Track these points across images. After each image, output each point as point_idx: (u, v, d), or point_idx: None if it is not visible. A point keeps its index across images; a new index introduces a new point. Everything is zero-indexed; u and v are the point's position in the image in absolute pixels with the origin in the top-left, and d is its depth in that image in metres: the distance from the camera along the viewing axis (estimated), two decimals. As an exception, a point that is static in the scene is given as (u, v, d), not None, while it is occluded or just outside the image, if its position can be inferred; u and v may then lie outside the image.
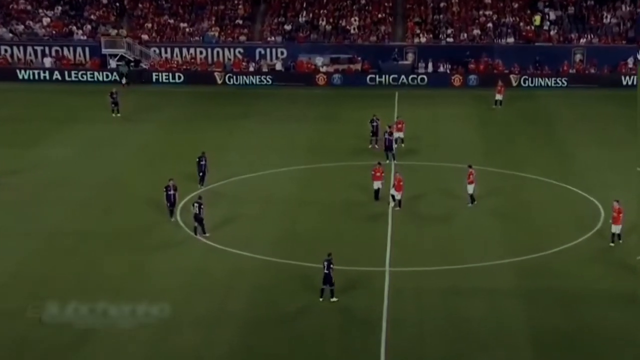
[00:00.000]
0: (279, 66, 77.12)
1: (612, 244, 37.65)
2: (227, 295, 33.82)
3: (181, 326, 31.26)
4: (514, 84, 73.41)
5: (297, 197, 45.02)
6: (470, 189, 43.17)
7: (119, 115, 62.36)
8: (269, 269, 36.18)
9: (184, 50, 78.45)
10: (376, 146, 53.24)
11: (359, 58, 77.01)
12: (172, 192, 40.72)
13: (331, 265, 32.43)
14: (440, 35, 78.45)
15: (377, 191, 43.48)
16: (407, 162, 50.45)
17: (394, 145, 50.70)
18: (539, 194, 45.43)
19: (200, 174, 45.75)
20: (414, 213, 42.50)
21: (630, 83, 72.52)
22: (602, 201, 42.80)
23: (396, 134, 52.54)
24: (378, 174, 43.82)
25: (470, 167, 43.91)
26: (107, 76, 75.50)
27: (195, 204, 39.33)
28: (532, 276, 35.15)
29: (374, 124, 53.81)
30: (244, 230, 40.27)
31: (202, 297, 33.59)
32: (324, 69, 76.09)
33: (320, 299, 32.42)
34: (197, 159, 45.98)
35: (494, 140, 56.01)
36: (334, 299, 32.48)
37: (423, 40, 78.08)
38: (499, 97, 65.71)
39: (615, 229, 37.58)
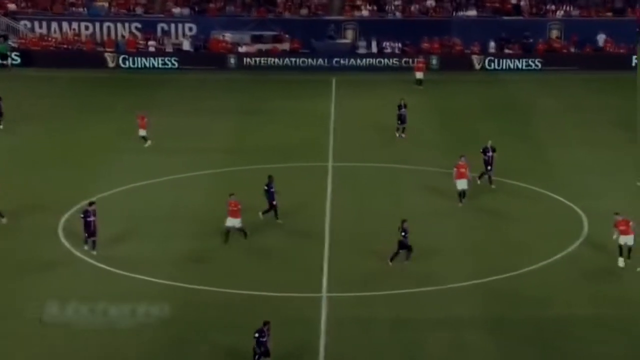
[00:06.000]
0: (186, 45, 76.92)
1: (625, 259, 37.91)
2: (120, 329, 33.44)
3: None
4: (477, 66, 74.55)
5: (209, 208, 44.69)
6: (463, 184, 44.54)
7: (1, 127, 59.74)
8: (174, 297, 35.86)
9: (64, 24, 77.70)
10: (403, 135, 54.55)
11: (287, 36, 77.21)
12: (92, 218, 39.08)
13: (262, 338, 30.07)
14: (387, 8, 79.03)
15: None
16: (346, 164, 50.72)
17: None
18: (512, 201, 45.91)
19: (274, 202, 42.92)
20: (357, 227, 42.64)
21: (621, 64, 73.98)
22: (586, 211, 43.56)
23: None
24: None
25: (462, 157, 45.25)
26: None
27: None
28: (502, 301, 35.39)
29: (402, 110, 55.13)
30: (142, 249, 39.86)
31: (89, 332, 33.11)
32: (243, 49, 76.16)
33: None
34: (266, 186, 43.20)
35: (455, 137, 56.33)
36: None
37: (365, 13, 78.58)
38: (419, 75, 67.25)
39: (625, 240, 37.88)
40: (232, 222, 40.17)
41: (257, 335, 29.77)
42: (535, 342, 32.59)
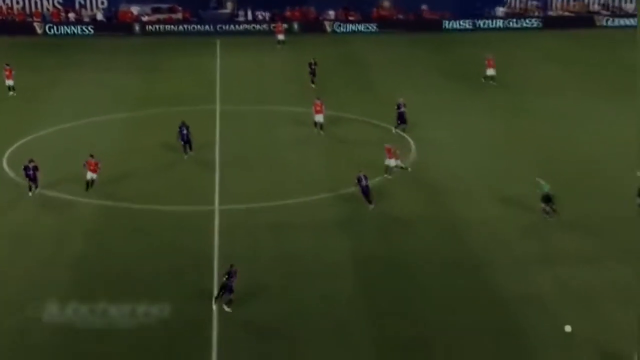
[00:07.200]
0: (100, 16, 74.64)
1: (386, 175, 38.75)
2: (60, 241, 32.66)
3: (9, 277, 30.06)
4: (329, 30, 74.33)
5: (123, 143, 43.93)
6: (319, 117, 44.80)
7: None
8: (97, 213, 35.23)
9: (-1, 1, 74.72)
10: (312, 85, 54.06)
11: (180, 7, 75.69)
12: (31, 172, 36.43)
13: (232, 277, 27.61)
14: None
15: None
16: (230, 107, 50.30)
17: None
18: (358, 132, 46.04)
19: (182, 141, 41.36)
20: (240, 155, 42.29)
21: (435, 27, 74.83)
22: (414, 139, 44.25)
23: None
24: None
25: (318, 99, 45.66)
26: None
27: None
28: (353, 206, 35.58)
29: (313, 66, 54.71)
30: (70, 176, 38.47)
31: (34, 245, 32.36)
32: (145, 19, 74.30)
33: (214, 305, 27.71)
34: (178, 128, 41.47)
35: (314, 85, 55.99)
36: (228, 309, 27.50)
37: (242, -11, 77.48)
38: (280, 37, 68.29)
39: (389, 162, 38.87)
40: (90, 175, 36.75)
41: (225, 275, 27.51)
42: (381, 235, 33.28)
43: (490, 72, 55.67)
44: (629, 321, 25.89)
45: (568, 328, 25.19)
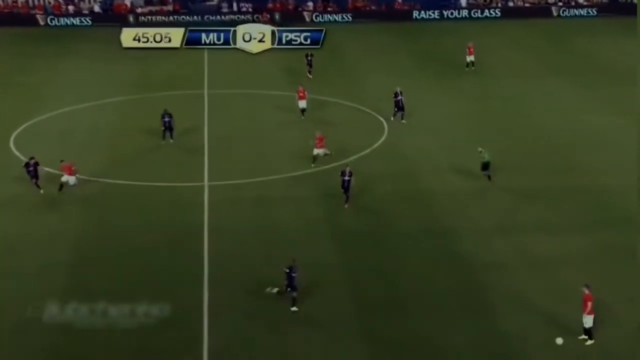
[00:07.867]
0: (97, 8, 74.05)
1: (313, 165, 37.56)
2: (62, 217, 32.78)
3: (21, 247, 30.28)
4: (308, 19, 74.02)
5: (122, 125, 43.85)
6: (303, 103, 44.30)
7: None
8: (104, 189, 35.34)
9: (4, -6, 74.04)
10: (309, 75, 53.05)
11: (170, 0, 75.11)
12: (32, 168, 34.92)
13: (293, 273, 25.93)
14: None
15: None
16: (217, 91, 50.17)
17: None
18: (337, 115, 45.90)
19: (163, 129, 40.67)
20: (227, 136, 42.25)
21: (405, 17, 74.80)
22: (386, 119, 44.20)
23: None
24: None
25: (301, 85, 45.17)
26: None
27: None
28: (329, 183, 35.59)
29: (309, 58, 53.42)
30: (73, 156, 38.34)
31: (39, 216, 32.42)
32: (139, 10, 73.79)
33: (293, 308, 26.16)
34: (161, 116, 40.85)
35: (294, 71, 55.55)
36: (294, 309, 26.07)
37: (226, -17, 76.87)
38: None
39: (317, 151, 37.65)
40: (67, 178, 34.65)
41: (287, 270, 25.81)
42: (356, 207, 33.42)
43: (470, 58, 55.60)
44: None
45: (559, 341, 23.96)
